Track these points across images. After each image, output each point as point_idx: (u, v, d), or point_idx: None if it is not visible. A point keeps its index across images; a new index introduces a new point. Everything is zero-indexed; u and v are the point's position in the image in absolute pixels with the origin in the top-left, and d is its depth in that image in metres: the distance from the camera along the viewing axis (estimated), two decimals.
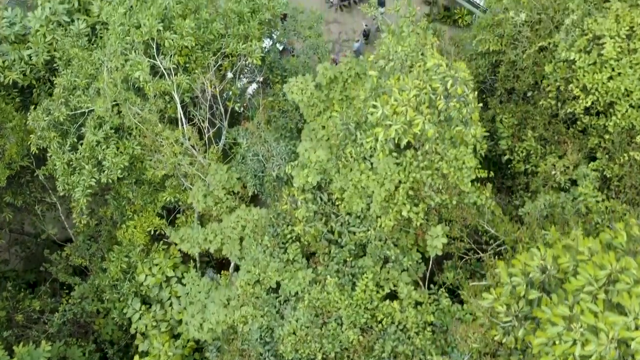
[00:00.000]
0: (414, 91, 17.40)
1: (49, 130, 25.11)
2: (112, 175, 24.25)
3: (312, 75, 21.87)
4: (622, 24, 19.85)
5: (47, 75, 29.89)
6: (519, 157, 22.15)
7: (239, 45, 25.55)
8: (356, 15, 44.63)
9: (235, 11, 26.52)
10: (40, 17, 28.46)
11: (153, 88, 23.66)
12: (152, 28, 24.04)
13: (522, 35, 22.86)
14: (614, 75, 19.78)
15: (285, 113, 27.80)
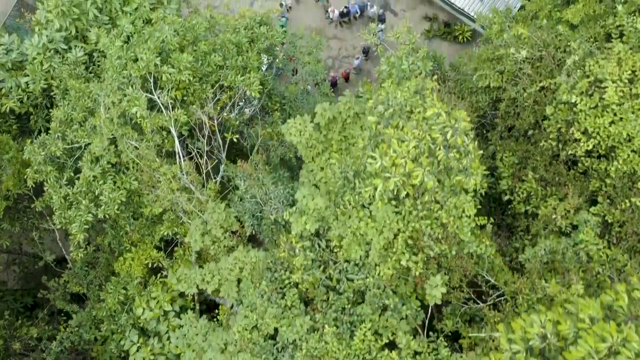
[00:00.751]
0: (413, 142, 17.19)
1: (46, 164, 24.91)
2: (109, 211, 24.05)
3: (311, 114, 21.61)
4: (624, 67, 19.61)
5: (45, 102, 29.71)
6: (519, 198, 21.94)
7: (237, 78, 25.33)
8: (356, 31, 44.38)
9: (234, 42, 26.30)
10: (37, 45, 28.26)
11: (150, 123, 23.46)
12: (149, 62, 23.83)
13: (522, 73, 22.61)
14: (615, 120, 19.55)
15: (284, 142, 27.62)
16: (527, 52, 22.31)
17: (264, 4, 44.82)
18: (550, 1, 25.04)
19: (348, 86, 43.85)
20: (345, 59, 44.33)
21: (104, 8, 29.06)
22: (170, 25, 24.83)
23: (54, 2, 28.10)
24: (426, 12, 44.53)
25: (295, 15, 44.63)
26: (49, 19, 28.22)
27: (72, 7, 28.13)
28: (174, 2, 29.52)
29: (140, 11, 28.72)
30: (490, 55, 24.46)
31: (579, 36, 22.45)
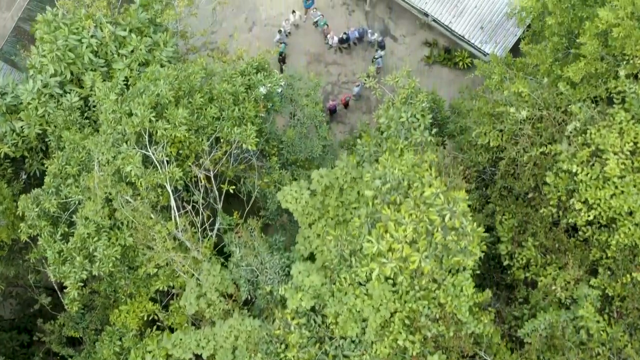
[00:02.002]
0: (411, 225, 16.88)
1: (40, 218, 24.63)
2: (103, 268, 23.79)
3: (308, 181, 21.29)
4: (626, 139, 19.28)
5: (40, 146, 29.40)
6: (518, 264, 21.64)
7: (234, 130, 24.99)
8: (355, 57, 44.01)
9: (230, 92, 25.95)
10: (31, 90, 27.95)
11: (145, 182, 23.15)
12: (144, 118, 23.52)
13: (523, 133, 22.27)
14: (617, 193, 19.22)
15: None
16: (528, 112, 21.95)
17: (262, 30, 44.44)
18: (550, 55, 24.65)
19: (347, 113, 43.52)
20: (345, 85, 43.96)
21: (100, 51, 28.75)
22: (165, 78, 24.45)
23: (48, 47, 27.79)
24: (426, 38, 44.11)
25: (295, 40, 44.23)
26: (44, 64, 27.90)
27: (67, 52, 27.83)
28: (170, 44, 29.17)
29: (136, 54, 28.42)
30: (490, 109, 24.10)
31: (580, 95, 22.10)
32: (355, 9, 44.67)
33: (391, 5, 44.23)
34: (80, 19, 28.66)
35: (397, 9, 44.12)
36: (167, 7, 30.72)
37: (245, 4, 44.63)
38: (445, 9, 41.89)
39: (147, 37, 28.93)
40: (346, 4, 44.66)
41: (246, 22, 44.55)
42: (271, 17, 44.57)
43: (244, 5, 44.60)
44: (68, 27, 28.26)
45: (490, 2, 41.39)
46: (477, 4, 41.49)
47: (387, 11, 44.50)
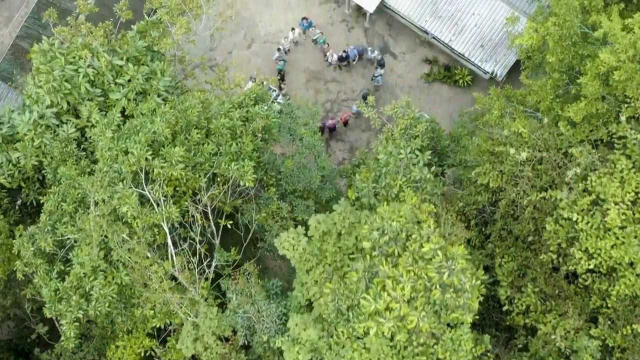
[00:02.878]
0: (409, 284, 16.68)
1: (35, 257, 24.44)
2: (100, 308, 23.60)
3: (304, 228, 21.05)
4: (627, 188, 19.06)
5: (37, 176, 29.19)
6: (518, 310, 21.45)
7: (231, 166, 24.76)
8: (355, 74, 43.75)
9: (228, 126, 25.71)
10: (28, 121, 27.71)
11: (142, 222, 22.95)
12: (140, 157, 23.30)
13: (522, 174, 22.05)
14: (617, 243, 19.02)
15: (281, 224, 27.17)
16: (528, 153, 21.73)
17: (261, 47, 44.18)
18: (551, 92, 24.41)
19: (347, 130, 43.30)
20: (344, 102, 43.72)
21: (97, 80, 28.50)
22: (162, 115, 24.22)
23: (44, 77, 27.55)
24: (426, 55, 43.83)
25: (294, 57, 43.97)
26: (40, 95, 27.66)
27: (63, 82, 27.58)
28: (167, 73, 28.91)
29: (133, 83, 28.18)
30: (489, 147, 23.88)
31: (580, 136, 21.88)
32: (354, 25, 44.40)
33: (391, 22, 43.96)
34: (77, 48, 28.41)
35: (397, 25, 43.86)
36: (164, 34, 30.47)
37: (244, 20, 44.34)
38: (445, 27, 41.65)
39: (144, 66, 28.68)
40: (345, 20, 44.38)
41: (245, 39, 44.29)
42: (270, 34, 44.30)
43: (243, 22, 44.32)
44: (64, 56, 28.02)
45: (490, 21, 41.15)
46: (477, 22, 41.26)
47: (386, 28, 44.22)
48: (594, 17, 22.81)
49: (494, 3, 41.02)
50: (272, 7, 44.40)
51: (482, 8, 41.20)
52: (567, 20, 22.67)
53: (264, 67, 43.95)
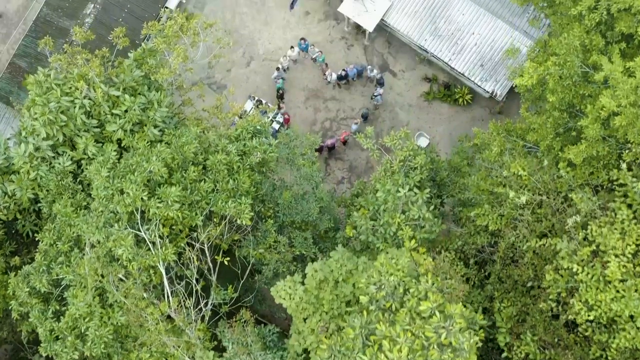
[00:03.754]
0: (406, 345, 16.47)
1: (31, 296, 24.24)
2: (95, 349, 23.41)
3: (302, 274, 20.83)
4: (628, 240, 18.82)
5: (33, 207, 28.97)
6: (517, 357, 21.23)
7: (228, 204, 24.54)
8: (354, 92, 43.52)
9: (225, 162, 25.48)
10: (23, 153, 27.49)
11: (138, 264, 22.75)
12: (136, 198, 23.08)
13: (522, 218, 21.82)
14: (617, 296, 18.80)
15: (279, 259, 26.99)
16: (527, 197, 21.49)
17: (260, 65, 43.92)
18: (551, 130, 24.15)
19: (346, 149, 43.09)
20: (343, 121, 43.49)
21: (93, 111, 28.26)
22: (158, 155, 23.98)
23: (40, 110, 27.31)
24: (425, 73, 43.57)
25: (293, 75, 43.72)
26: (36, 127, 27.41)
27: (59, 114, 27.34)
28: (164, 104, 28.66)
29: (130, 114, 27.94)
30: (488, 186, 23.63)
31: (581, 180, 21.64)
32: (354, 43, 44.13)
33: (390, 40, 43.69)
34: (73, 79, 28.17)
35: (396, 43, 43.59)
36: (161, 62, 30.20)
37: (243, 38, 44.09)
38: (445, 46, 41.38)
39: (140, 96, 28.46)
40: (345, 38, 44.11)
41: (244, 57, 44.04)
42: (269, 52, 44.04)
43: (242, 40, 44.06)
44: (60, 87, 27.77)
45: (490, 40, 40.88)
46: (477, 41, 40.97)
47: (386, 46, 43.95)
48: (595, 56, 22.53)
49: (494, 22, 40.75)
50: (271, 25, 44.14)
51: (482, 27, 40.92)
52: (568, 60, 22.40)
53: (263, 85, 43.75)
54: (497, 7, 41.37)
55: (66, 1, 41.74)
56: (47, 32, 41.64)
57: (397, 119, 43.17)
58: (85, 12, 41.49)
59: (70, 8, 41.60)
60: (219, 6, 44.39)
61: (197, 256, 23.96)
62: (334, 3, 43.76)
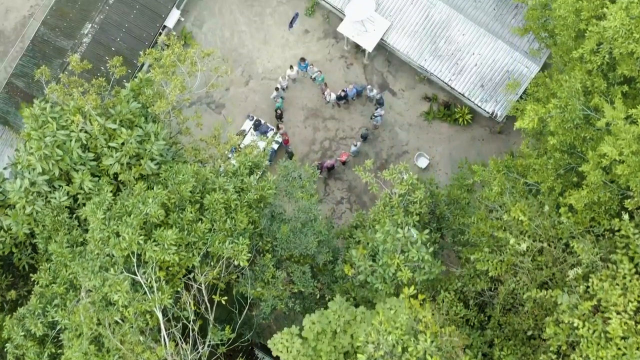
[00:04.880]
0: None
1: (26, 339, 24.02)
2: None
3: (299, 326, 20.60)
4: (630, 297, 18.58)
5: (29, 241, 28.73)
6: None
7: (225, 245, 24.30)
8: (354, 112, 43.28)
9: (222, 201, 25.22)
10: (19, 189, 27.22)
11: (134, 309, 22.52)
12: (132, 242, 22.84)
13: (523, 265, 21.58)
14: (619, 353, 18.56)
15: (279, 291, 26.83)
16: (528, 243, 21.25)
17: (259, 83, 43.64)
18: (552, 172, 23.89)
19: (345, 169, 42.87)
20: (343, 141, 43.25)
21: (90, 144, 27.98)
22: (155, 197, 23.73)
23: (36, 144, 27.02)
24: (425, 92, 43.31)
25: (292, 94, 43.46)
26: (31, 162, 27.14)
27: (55, 149, 27.06)
28: (161, 136, 28.36)
29: (126, 147, 27.65)
30: (488, 229, 23.38)
31: (582, 225, 21.39)
32: (353, 62, 43.86)
33: (390, 59, 43.42)
34: (70, 111, 27.90)
35: (396, 62, 43.33)
36: (158, 93, 29.93)
37: (242, 57, 43.81)
38: (445, 66, 41.13)
39: (137, 128, 28.17)
40: (344, 57, 43.85)
41: (242, 76, 43.77)
42: (268, 71, 43.78)
43: (240, 58, 43.80)
44: (56, 120, 27.48)
45: (491, 61, 40.60)
46: (477, 62, 40.72)
47: (385, 64, 43.69)
48: (596, 99, 22.26)
49: (495, 43, 40.47)
50: (270, 43, 43.86)
51: (482, 48, 40.65)
52: (569, 104, 22.12)
53: (262, 104, 43.52)
54: (498, 27, 41.08)
55: (64, 20, 41.41)
56: (44, 52, 41.50)
57: (397, 139, 42.93)
58: (83, 32, 41.16)
59: (67, 28, 41.30)
60: (218, 24, 44.13)
61: (194, 297, 23.71)
62: (334, 21, 43.50)
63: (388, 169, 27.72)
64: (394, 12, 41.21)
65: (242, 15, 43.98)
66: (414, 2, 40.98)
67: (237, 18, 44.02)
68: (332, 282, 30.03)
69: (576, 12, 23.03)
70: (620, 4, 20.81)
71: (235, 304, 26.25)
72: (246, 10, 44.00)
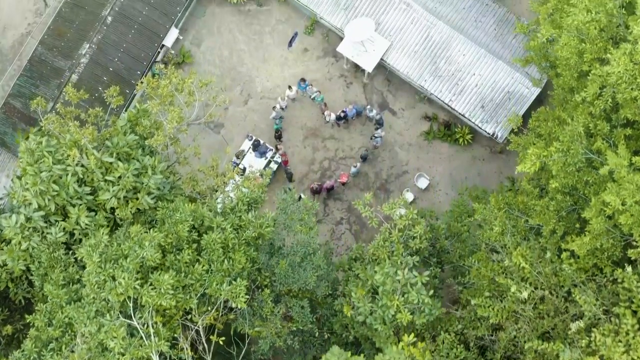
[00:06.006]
0: None
1: None
2: None
3: None
4: (633, 355, 18.32)
5: (25, 275, 28.48)
6: None
7: (223, 287, 24.03)
8: (353, 132, 42.97)
9: (219, 241, 24.94)
10: (14, 225, 26.94)
11: (130, 355, 22.26)
12: (128, 287, 22.57)
13: (524, 313, 21.31)
14: None
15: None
16: (529, 292, 20.98)
17: (257, 103, 43.32)
18: (554, 215, 23.60)
19: (345, 189, 42.60)
20: (342, 161, 42.94)
21: (86, 178, 27.70)
22: (151, 241, 23.44)
23: (31, 180, 26.73)
24: (425, 112, 42.98)
25: (291, 114, 43.14)
26: (27, 198, 26.85)
27: (51, 184, 26.78)
28: (158, 169, 28.06)
29: (124, 181, 27.37)
30: (489, 273, 23.10)
31: (585, 272, 21.12)
32: (353, 81, 43.53)
33: (390, 78, 43.07)
34: (66, 145, 27.61)
35: (396, 81, 42.99)
36: (155, 123, 29.63)
37: (241, 76, 43.48)
38: (445, 87, 40.82)
39: (134, 160, 27.90)
40: (344, 76, 43.51)
41: (241, 95, 43.45)
42: (267, 90, 43.44)
43: (239, 77, 43.46)
44: (52, 155, 27.19)
45: (491, 82, 40.29)
46: (478, 82, 40.40)
47: (385, 83, 43.36)
48: (599, 143, 21.97)
49: (495, 63, 40.16)
50: (269, 62, 43.52)
51: (483, 68, 40.32)
52: (572, 148, 21.82)
53: (261, 123, 43.22)
54: (498, 47, 40.76)
55: (61, 40, 41.06)
56: (41, 72, 41.17)
57: (397, 159, 42.64)
58: (81, 52, 40.83)
59: (65, 47, 40.95)
60: (217, 43, 43.79)
61: (192, 340, 23.46)
62: (333, 40, 43.17)
63: (388, 202, 27.41)
64: (394, 31, 40.85)
65: (241, 34, 43.62)
66: (414, 22, 40.61)
67: (236, 37, 43.66)
68: (331, 315, 29.80)
69: (579, 53, 22.69)
70: (624, 49, 20.48)
71: (233, 345, 25.96)
72: (245, 28, 43.64)
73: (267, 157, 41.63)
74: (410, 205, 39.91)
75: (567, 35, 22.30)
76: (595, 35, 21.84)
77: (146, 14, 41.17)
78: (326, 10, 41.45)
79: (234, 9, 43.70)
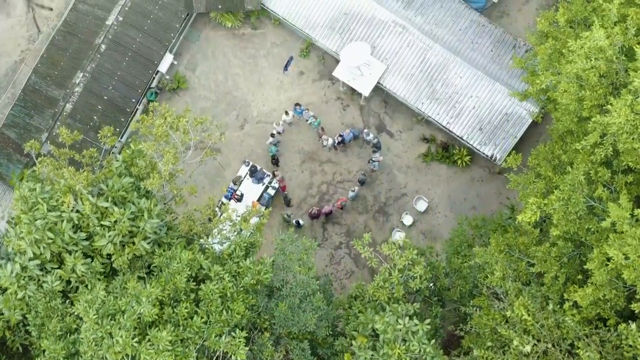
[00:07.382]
0: None
1: None
2: None
3: None
4: None
5: (22, 322, 28.22)
6: None
7: (221, 340, 23.77)
8: (351, 155, 42.65)
9: (217, 291, 24.66)
10: (10, 274, 26.65)
11: None
12: (126, 345, 22.30)
13: None
14: None
15: None
16: (532, 345, 20.74)
17: (254, 127, 42.98)
18: (555, 261, 23.35)
19: (343, 213, 42.33)
20: (340, 184, 42.62)
21: (81, 223, 27.38)
22: (148, 296, 23.17)
23: (26, 228, 26.40)
24: (423, 133, 42.66)
25: (288, 138, 42.80)
26: (22, 247, 26.54)
27: (46, 232, 26.45)
28: (155, 212, 27.72)
29: (119, 226, 27.05)
30: (491, 322, 22.86)
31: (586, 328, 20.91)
32: (349, 103, 43.16)
33: (387, 100, 42.73)
34: (60, 190, 27.28)
35: (393, 102, 42.63)
36: (150, 164, 29.29)
37: (236, 100, 43.11)
38: (442, 109, 40.53)
39: (130, 204, 27.57)
40: (340, 98, 43.14)
41: (237, 119, 43.09)
42: (263, 114, 43.08)
43: (235, 102, 43.10)
44: (47, 202, 26.86)
45: (489, 104, 39.98)
46: (475, 104, 40.09)
47: (382, 105, 43.02)
48: (600, 190, 21.68)
49: (493, 85, 39.83)
50: (264, 86, 43.14)
51: (480, 90, 40.01)
52: (573, 197, 21.54)
53: (257, 148, 42.91)
54: (496, 69, 40.42)
55: (55, 69, 40.67)
56: (35, 102, 40.82)
57: (395, 181, 42.35)
58: (75, 81, 40.45)
59: (59, 77, 40.57)
60: (211, 67, 43.40)
61: None
62: (329, 63, 42.81)
63: (387, 242, 27.18)
64: (390, 55, 40.49)
65: (235, 58, 43.24)
66: (410, 45, 40.25)
67: (231, 60, 43.28)
68: (332, 354, 29.55)
69: (579, 100, 22.38)
70: (625, 100, 20.18)
71: None
72: (240, 52, 43.25)
73: (264, 183, 41.33)
74: (409, 228, 39.67)
75: (566, 81, 22.00)
76: (595, 82, 21.53)
77: (140, 40, 40.75)
78: (321, 34, 41.07)
79: (228, 33, 43.29)
